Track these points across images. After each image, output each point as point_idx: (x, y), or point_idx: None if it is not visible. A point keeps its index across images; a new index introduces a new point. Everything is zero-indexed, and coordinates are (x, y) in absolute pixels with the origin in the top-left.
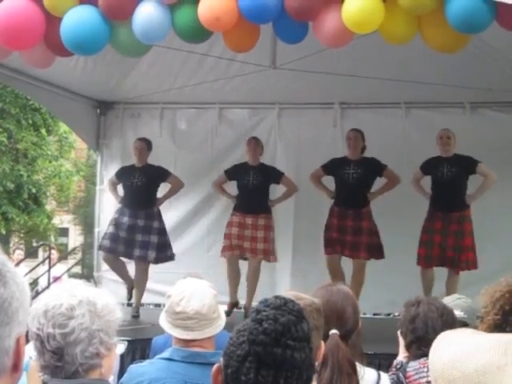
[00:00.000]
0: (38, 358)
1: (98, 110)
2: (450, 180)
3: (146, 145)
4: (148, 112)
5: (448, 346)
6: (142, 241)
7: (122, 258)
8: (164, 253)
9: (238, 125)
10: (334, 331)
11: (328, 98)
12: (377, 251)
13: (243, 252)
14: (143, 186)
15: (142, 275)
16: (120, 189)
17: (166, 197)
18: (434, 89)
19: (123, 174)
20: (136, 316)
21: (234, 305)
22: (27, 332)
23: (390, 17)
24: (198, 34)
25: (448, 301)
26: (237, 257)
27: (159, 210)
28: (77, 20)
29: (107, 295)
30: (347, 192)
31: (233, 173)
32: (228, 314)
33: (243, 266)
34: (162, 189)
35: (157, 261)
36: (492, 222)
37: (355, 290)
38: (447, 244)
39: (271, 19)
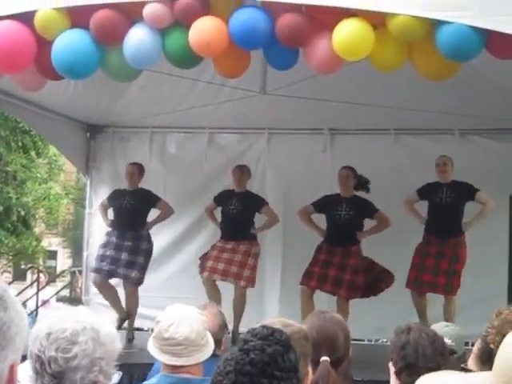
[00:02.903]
0: (35, 380)
1: (88, 134)
2: (448, 205)
3: (137, 169)
4: (138, 136)
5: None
6: (127, 260)
7: (113, 285)
8: (143, 274)
9: (227, 150)
10: (324, 358)
11: (317, 123)
12: (356, 290)
13: (215, 273)
14: (132, 209)
15: (131, 298)
16: (110, 213)
17: (155, 222)
18: (424, 115)
19: (114, 197)
20: (131, 339)
21: None
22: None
23: (381, 44)
24: (188, 59)
25: (436, 328)
26: (210, 278)
27: (148, 233)
28: (68, 44)
29: (109, 324)
30: (338, 231)
31: (219, 199)
32: None
33: (229, 291)
34: (153, 213)
35: (139, 282)
36: (479, 250)
37: None
38: (440, 268)
39: (262, 45)
